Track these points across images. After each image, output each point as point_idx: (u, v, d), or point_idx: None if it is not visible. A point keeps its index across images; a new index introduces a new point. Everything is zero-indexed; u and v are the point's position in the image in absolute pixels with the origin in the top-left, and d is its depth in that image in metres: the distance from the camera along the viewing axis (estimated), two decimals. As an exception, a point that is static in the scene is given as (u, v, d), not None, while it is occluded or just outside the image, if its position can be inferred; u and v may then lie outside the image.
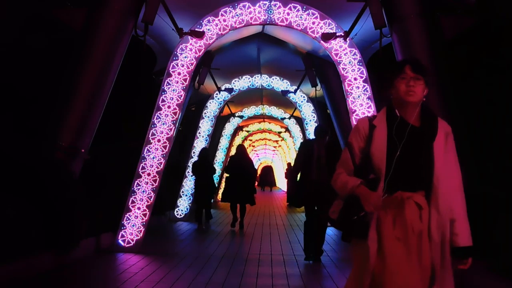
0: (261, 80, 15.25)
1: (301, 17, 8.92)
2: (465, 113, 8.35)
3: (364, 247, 2.83)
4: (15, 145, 6.98)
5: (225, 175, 12.91)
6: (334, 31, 8.86)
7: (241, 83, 15.17)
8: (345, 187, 2.97)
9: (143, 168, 8.59)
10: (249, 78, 15.15)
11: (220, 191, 17.04)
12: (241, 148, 13.10)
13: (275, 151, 39.57)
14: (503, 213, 6.10)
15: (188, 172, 14.64)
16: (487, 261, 6.02)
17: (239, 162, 12.36)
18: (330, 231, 10.70)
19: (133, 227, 8.38)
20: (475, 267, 6.06)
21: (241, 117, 20.35)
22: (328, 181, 6.72)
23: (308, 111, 15.86)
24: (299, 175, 7.97)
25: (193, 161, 13.60)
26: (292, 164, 24.04)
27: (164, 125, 8.77)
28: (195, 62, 9.05)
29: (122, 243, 8.33)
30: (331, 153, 7.62)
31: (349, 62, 8.84)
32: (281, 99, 16.84)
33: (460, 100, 8.29)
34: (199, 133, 15.29)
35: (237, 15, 8.98)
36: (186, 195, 14.55)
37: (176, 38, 9.47)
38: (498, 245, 5.85)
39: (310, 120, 15.84)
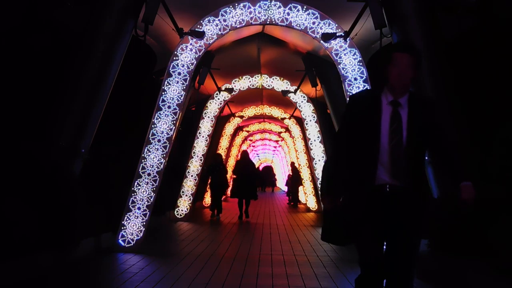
0: (261, 80, 15.26)
1: (301, 17, 8.92)
2: (466, 113, 8.34)
3: None
4: (15, 145, 6.98)
5: (233, 176, 15.81)
6: (334, 31, 8.86)
7: (241, 83, 15.17)
8: None
9: (143, 168, 8.60)
10: (249, 78, 15.15)
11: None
12: (245, 153, 15.95)
13: (275, 151, 39.58)
14: (504, 213, 6.10)
15: (188, 172, 14.87)
16: (487, 261, 6.02)
17: (244, 165, 15.04)
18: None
19: (133, 227, 8.39)
20: (475, 267, 6.07)
21: (241, 117, 20.37)
22: (418, 186, 3.44)
23: (308, 111, 15.85)
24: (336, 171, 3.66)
25: (208, 164, 15.73)
26: (295, 164, 23.89)
27: (164, 125, 8.77)
28: (195, 62, 9.05)
29: (122, 243, 8.34)
30: (422, 119, 3.47)
31: (349, 62, 8.84)
32: (281, 99, 16.84)
33: (460, 99, 8.29)
34: (199, 133, 15.30)
35: (237, 15, 8.98)
36: (186, 195, 14.57)
37: (176, 38, 9.47)
38: (498, 245, 5.85)
39: (310, 120, 15.84)
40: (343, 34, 8.83)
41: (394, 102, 3.50)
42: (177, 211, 14.27)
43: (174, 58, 9.00)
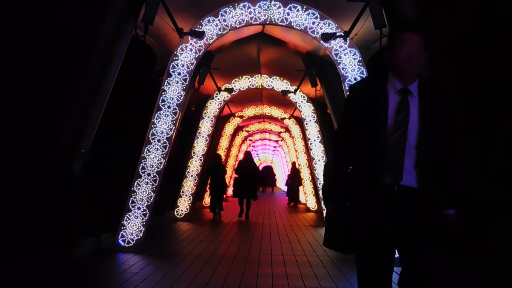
0: (261, 80, 15.26)
1: (301, 17, 8.92)
2: (466, 113, 8.34)
3: None
4: (15, 145, 6.98)
5: (235, 175, 16.32)
6: (334, 31, 8.86)
7: (241, 83, 15.17)
8: None
9: (143, 168, 8.60)
10: (249, 78, 15.15)
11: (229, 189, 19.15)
12: (248, 154, 16.21)
13: (275, 151, 39.59)
14: (504, 213, 6.11)
15: (188, 172, 14.88)
16: (487, 261, 6.02)
17: (247, 166, 15.32)
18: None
19: (133, 227, 8.39)
20: (475, 267, 6.08)
21: (241, 117, 20.38)
22: (429, 188, 2.96)
23: (308, 111, 15.85)
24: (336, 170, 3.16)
25: (208, 165, 16.05)
26: (296, 164, 23.88)
27: (164, 125, 8.77)
28: (195, 62, 9.05)
29: (122, 243, 8.34)
30: (435, 109, 3.08)
31: (349, 62, 8.84)
32: (281, 99, 16.84)
33: (460, 100, 8.29)
34: (199, 133, 15.30)
35: (237, 15, 8.98)
36: (186, 195, 14.58)
37: (176, 38, 9.47)
38: (498, 245, 5.86)
39: (310, 120, 15.83)
40: (343, 34, 8.83)
41: (403, 90, 2.97)
42: (177, 211, 14.28)
43: (174, 58, 9.00)
